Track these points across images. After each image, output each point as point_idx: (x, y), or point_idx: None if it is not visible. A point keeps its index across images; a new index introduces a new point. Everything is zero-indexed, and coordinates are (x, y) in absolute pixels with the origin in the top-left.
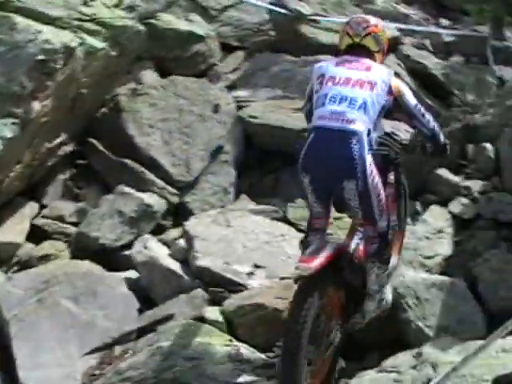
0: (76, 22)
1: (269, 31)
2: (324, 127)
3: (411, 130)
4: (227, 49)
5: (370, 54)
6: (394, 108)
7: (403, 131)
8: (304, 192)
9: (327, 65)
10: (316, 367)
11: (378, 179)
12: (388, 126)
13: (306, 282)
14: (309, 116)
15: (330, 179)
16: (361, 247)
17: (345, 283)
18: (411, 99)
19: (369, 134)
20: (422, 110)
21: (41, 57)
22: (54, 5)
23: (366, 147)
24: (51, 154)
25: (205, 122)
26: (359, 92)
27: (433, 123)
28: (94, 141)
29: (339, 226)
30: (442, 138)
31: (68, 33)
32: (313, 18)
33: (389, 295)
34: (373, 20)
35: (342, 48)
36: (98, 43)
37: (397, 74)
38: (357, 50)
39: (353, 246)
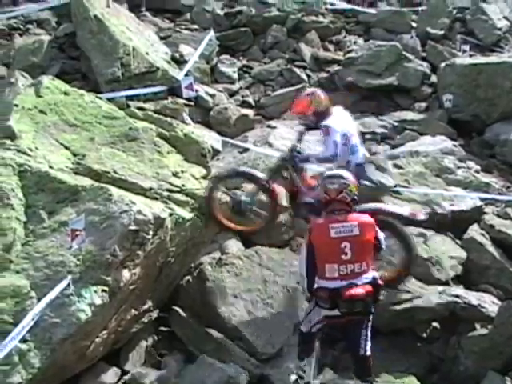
0: (166, 193)
1: None
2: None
3: None
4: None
5: None
6: None
7: None
8: None
9: (340, 126)
10: None
11: None
12: None
13: None
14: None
15: None
16: None
17: None
18: None
19: None
20: None
21: (133, 227)
22: (146, 176)
23: None
24: (136, 320)
25: (289, 293)
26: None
27: None
28: (178, 309)
29: None
30: None
31: (159, 203)
32: (396, 189)
33: None
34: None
35: (326, 106)
36: (186, 214)
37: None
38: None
39: None
